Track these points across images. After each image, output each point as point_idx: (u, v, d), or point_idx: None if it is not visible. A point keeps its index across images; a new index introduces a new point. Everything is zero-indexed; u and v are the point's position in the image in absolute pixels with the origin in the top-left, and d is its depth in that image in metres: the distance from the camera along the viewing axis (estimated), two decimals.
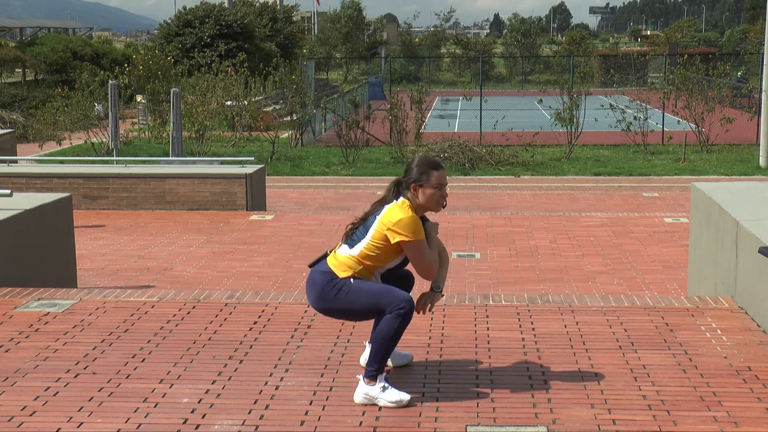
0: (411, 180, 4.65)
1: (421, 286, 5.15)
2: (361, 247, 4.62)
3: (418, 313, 4.75)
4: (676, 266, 9.68)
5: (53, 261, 7.92)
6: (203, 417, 4.43)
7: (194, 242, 11.11)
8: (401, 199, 4.67)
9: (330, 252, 4.74)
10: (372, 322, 5.12)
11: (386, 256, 4.63)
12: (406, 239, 4.55)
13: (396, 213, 4.59)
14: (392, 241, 4.57)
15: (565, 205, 15.25)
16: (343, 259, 4.64)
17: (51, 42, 41.79)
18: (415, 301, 4.65)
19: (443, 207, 4.73)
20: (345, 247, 4.68)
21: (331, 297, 4.60)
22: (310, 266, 4.74)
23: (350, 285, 4.58)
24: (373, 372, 4.55)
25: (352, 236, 4.68)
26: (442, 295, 4.78)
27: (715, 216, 6.94)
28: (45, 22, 66.71)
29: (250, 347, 5.41)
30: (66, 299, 6.43)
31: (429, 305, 4.76)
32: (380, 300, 4.54)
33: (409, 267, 4.80)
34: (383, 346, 4.54)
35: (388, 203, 4.68)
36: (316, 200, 16.36)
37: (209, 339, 5.57)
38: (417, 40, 73.71)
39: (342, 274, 4.60)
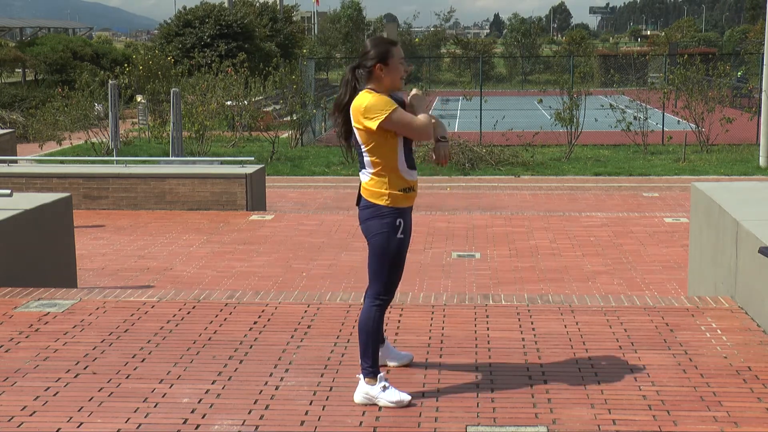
0: (375, 60, 4.55)
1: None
2: (366, 160, 4.55)
3: (441, 164, 4.69)
4: (676, 266, 9.68)
5: (53, 261, 7.92)
6: (203, 417, 4.43)
7: (194, 242, 11.11)
8: (363, 90, 4.57)
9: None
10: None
11: (387, 145, 4.51)
12: (382, 116, 4.44)
13: (361, 101, 4.49)
14: (374, 128, 4.45)
15: (565, 205, 15.25)
16: (368, 186, 4.56)
17: (51, 42, 41.78)
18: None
19: (404, 82, 4.65)
20: (362, 173, 4.61)
21: (374, 222, 4.54)
22: (357, 204, 4.66)
23: (395, 225, 4.52)
24: (369, 368, 4.56)
25: (358, 159, 4.62)
26: (446, 141, 4.69)
27: (715, 216, 6.94)
28: (45, 22, 66.71)
29: (250, 347, 5.41)
30: (66, 299, 6.43)
31: (445, 154, 4.65)
32: (389, 264, 4.55)
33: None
34: (366, 337, 4.59)
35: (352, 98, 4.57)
36: (316, 200, 16.36)
37: (209, 339, 5.57)
38: (417, 40, 73.71)
39: (378, 200, 4.52)
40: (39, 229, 7.64)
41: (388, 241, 4.55)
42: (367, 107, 4.46)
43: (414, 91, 4.75)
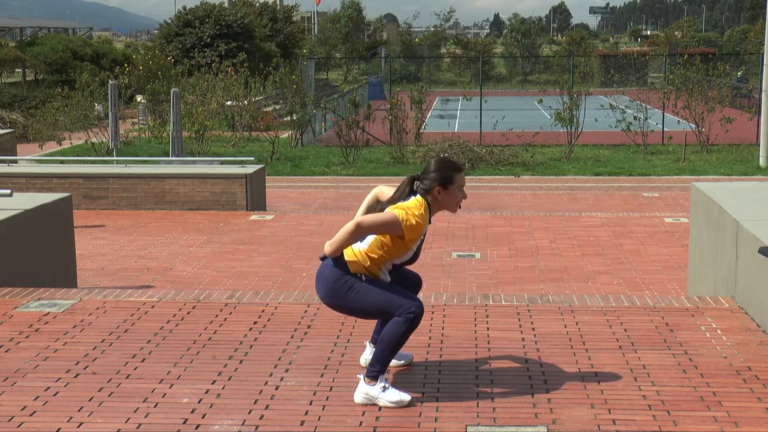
0: (436, 182, 4.61)
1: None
2: (370, 239, 4.59)
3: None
4: (676, 266, 9.68)
5: (53, 261, 7.92)
6: (203, 417, 4.43)
7: (194, 242, 11.11)
8: (417, 196, 4.65)
9: None
10: (373, 321, 5.13)
11: (394, 250, 4.58)
12: (400, 212, 4.49)
13: (415, 205, 4.56)
14: (405, 239, 4.51)
15: (565, 205, 15.25)
16: (353, 253, 4.61)
17: (51, 42, 41.78)
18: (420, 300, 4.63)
19: (459, 208, 4.74)
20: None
21: (341, 294, 4.58)
22: (322, 259, 4.70)
23: (361, 284, 4.56)
24: (375, 372, 4.55)
25: None
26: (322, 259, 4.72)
27: (715, 216, 6.94)
28: (45, 22, 66.69)
29: (250, 347, 5.41)
30: (66, 299, 6.43)
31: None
32: (390, 302, 4.52)
33: (417, 268, 4.79)
34: (389, 348, 4.54)
35: (402, 200, 4.64)
36: (316, 200, 16.36)
37: (209, 339, 5.57)
38: (417, 40, 73.73)
39: (353, 268, 4.56)
40: (39, 229, 7.64)
41: (365, 294, 4.54)
42: (408, 209, 4.53)
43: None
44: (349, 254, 4.60)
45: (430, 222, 4.68)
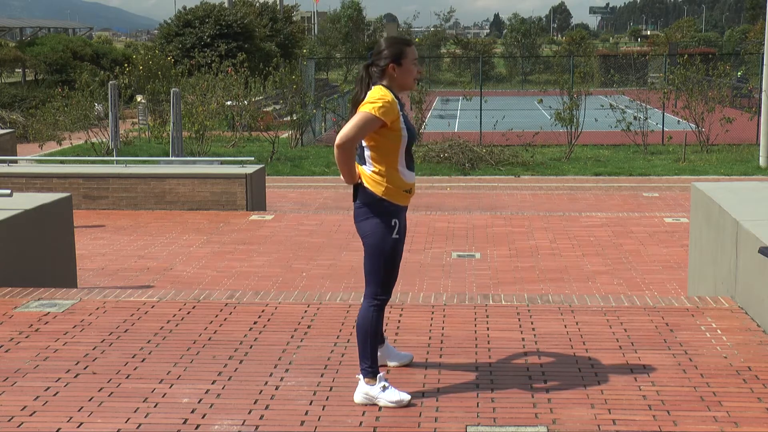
0: (389, 59, 4.57)
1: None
2: (367, 155, 4.57)
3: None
4: (676, 266, 9.68)
5: (53, 261, 7.92)
6: (203, 417, 4.43)
7: (194, 242, 11.11)
8: (377, 85, 4.59)
9: (360, 179, 4.62)
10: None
11: (390, 142, 4.52)
12: (366, 106, 4.46)
13: (374, 94, 4.52)
14: (388, 122, 4.46)
15: (565, 205, 15.25)
16: (366, 177, 4.57)
17: (51, 42, 41.79)
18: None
19: (417, 83, 4.71)
20: (362, 166, 4.62)
21: (370, 221, 4.55)
22: (354, 200, 4.66)
23: (390, 225, 4.53)
24: (368, 368, 4.56)
25: (358, 151, 4.61)
26: None
27: (715, 216, 6.94)
28: (45, 22, 66.70)
29: (250, 347, 5.41)
30: (66, 299, 6.43)
31: None
32: (384, 265, 4.55)
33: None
34: (362, 337, 4.60)
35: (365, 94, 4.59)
36: (316, 200, 16.36)
37: (209, 339, 5.57)
38: (417, 40, 73.70)
39: (378, 190, 4.52)
40: (39, 229, 7.64)
41: (383, 241, 4.55)
42: (371, 96, 4.49)
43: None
44: (367, 181, 4.55)
45: (399, 101, 4.63)
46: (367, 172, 4.58)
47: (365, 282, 4.65)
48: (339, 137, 4.45)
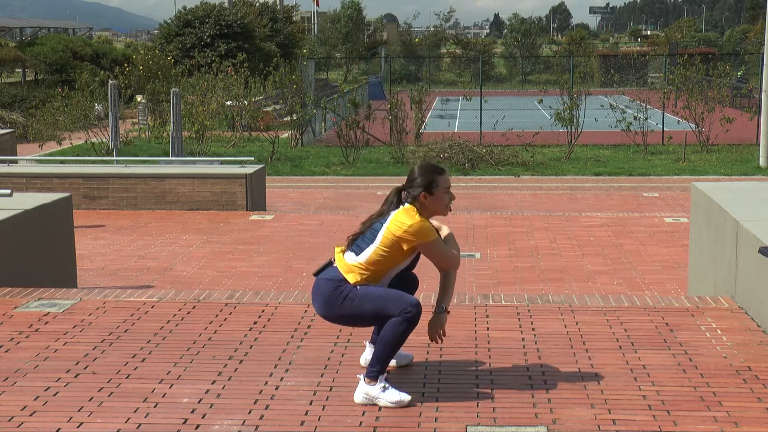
0: (421, 188, 4.64)
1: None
2: (368, 253, 4.61)
3: (434, 341, 4.75)
4: (676, 266, 9.68)
5: (53, 261, 7.92)
6: (203, 417, 4.43)
7: (194, 242, 11.11)
8: (406, 204, 4.67)
9: (333, 260, 4.71)
10: None
11: (396, 260, 4.64)
12: (425, 241, 4.58)
13: (405, 218, 4.59)
14: (405, 248, 4.57)
15: (565, 205, 15.25)
16: (348, 266, 4.63)
17: (51, 42, 41.79)
18: (422, 312, 4.63)
19: (449, 210, 4.76)
20: (351, 254, 4.67)
21: (338, 304, 4.59)
22: (315, 275, 4.74)
23: (356, 291, 4.57)
24: (375, 372, 4.55)
25: (357, 243, 4.68)
26: (448, 313, 4.77)
27: (715, 216, 6.94)
28: (45, 22, 66.66)
29: (250, 347, 5.41)
30: (66, 299, 6.43)
31: (441, 330, 4.73)
32: (388, 305, 4.53)
33: (417, 268, 4.81)
34: (388, 349, 4.54)
35: (392, 211, 4.67)
36: (316, 200, 16.36)
37: (209, 339, 5.57)
38: (417, 40, 73.72)
39: (351, 278, 4.58)
40: (39, 229, 7.64)
41: (361, 302, 4.55)
42: (410, 228, 4.55)
43: (445, 230, 4.86)
44: (344, 268, 4.62)
45: None
46: (350, 262, 4.62)
47: (390, 317, 4.57)
48: (455, 264, 4.79)
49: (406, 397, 4.53)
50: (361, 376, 4.59)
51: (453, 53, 68.06)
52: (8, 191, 7.57)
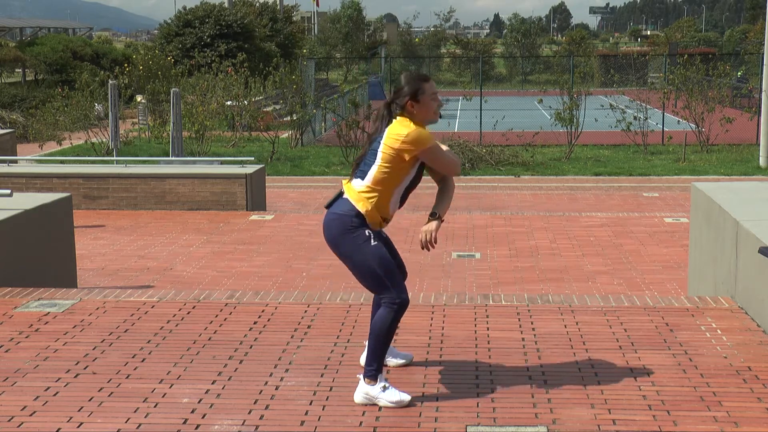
0: (407, 97, 4.64)
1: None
2: (372, 173, 4.59)
3: (424, 248, 4.74)
4: (676, 266, 9.68)
5: (53, 261, 7.92)
6: (203, 417, 4.43)
7: (194, 242, 11.11)
8: (397, 117, 4.67)
9: (343, 190, 4.67)
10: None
11: (400, 175, 4.61)
12: (425, 147, 4.57)
13: (400, 129, 4.58)
14: (407, 158, 4.55)
15: (565, 205, 15.25)
16: (352, 191, 4.61)
17: (51, 42, 41.78)
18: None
19: (440, 117, 4.77)
20: (357, 180, 4.65)
21: (346, 238, 4.58)
22: (327, 207, 4.70)
23: (365, 236, 4.56)
24: (373, 371, 4.55)
25: (361, 168, 4.65)
26: (442, 221, 4.76)
27: (715, 216, 6.94)
28: (45, 22, 66.64)
29: (250, 347, 5.41)
30: (66, 299, 6.43)
31: (431, 235, 4.71)
32: (383, 273, 4.55)
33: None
34: (379, 341, 4.56)
35: (386, 128, 4.66)
36: (316, 200, 16.36)
37: (209, 339, 5.57)
38: (417, 40, 73.70)
39: (361, 206, 4.56)
40: (39, 229, 7.64)
41: (366, 256, 4.56)
42: (408, 136, 4.54)
43: (443, 147, 4.82)
44: (354, 197, 4.60)
45: None
46: (358, 188, 4.61)
47: (378, 294, 4.63)
48: (456, 168, 4.76)
49: (406, 397, 4.53)
50: (361, 376, 4.60)
51: (453, 53, 68.04)
52: (8, 191, 7.57)
